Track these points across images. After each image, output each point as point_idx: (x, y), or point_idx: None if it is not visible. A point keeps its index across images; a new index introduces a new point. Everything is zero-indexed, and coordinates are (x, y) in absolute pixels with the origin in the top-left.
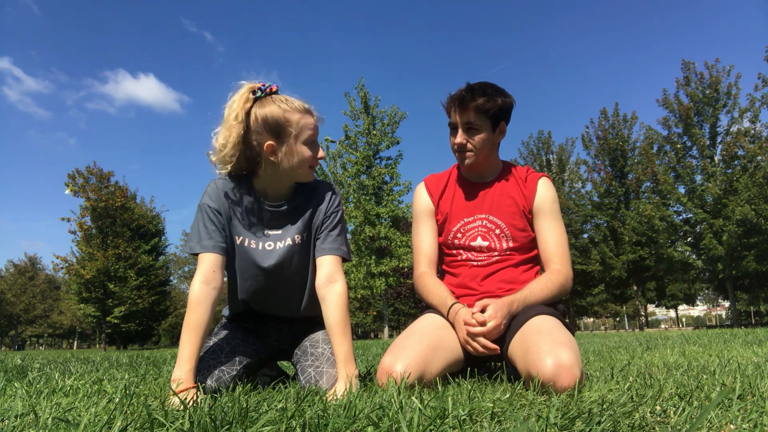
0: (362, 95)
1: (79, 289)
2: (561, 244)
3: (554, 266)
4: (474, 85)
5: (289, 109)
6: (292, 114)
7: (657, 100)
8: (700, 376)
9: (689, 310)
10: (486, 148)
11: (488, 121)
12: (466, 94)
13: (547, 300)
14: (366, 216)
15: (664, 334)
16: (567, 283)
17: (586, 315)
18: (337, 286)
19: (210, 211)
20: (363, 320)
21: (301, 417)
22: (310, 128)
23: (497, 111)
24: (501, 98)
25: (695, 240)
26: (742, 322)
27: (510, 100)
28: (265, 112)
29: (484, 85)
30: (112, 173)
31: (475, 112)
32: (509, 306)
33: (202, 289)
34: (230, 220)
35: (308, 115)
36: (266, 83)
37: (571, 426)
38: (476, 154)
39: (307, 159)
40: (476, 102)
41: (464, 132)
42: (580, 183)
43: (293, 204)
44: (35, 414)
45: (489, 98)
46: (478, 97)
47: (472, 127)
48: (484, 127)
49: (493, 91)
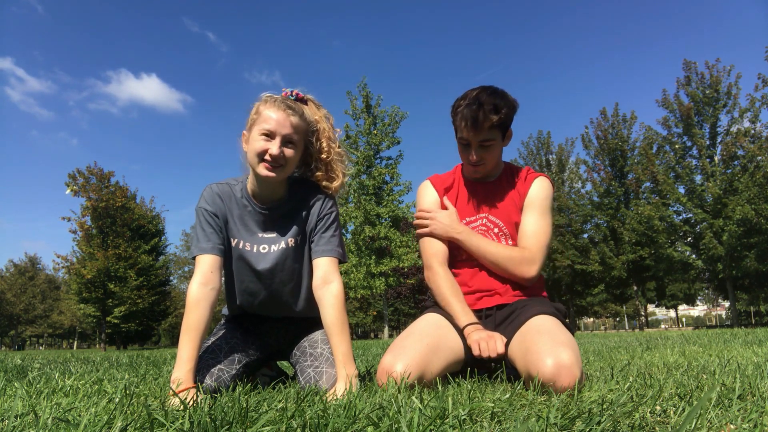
0: (364, 95)
1: (79, 289)
2: (538, 235)
3: (523, 249)
4: (484, 100)
5: (261, 100)
6: (260, 104)
7: (657, 101)
8: (700, 376)
9: (689, 310)
10: (497, 156)
11: (500, 134)
12: (479, 114)
13: (487, 258)
14: (366, 216)
15: (664, 334)
16: (523, 267)
17: (586, 315)
18: (332, 287)
19: (207, 214)
20: (363, 320)
21: (301, 417)
22: (268, 120)
23: (507, 122)
24: (508, 107)
25: (695, 240)
26: (742, 322)
27: (515, 106)
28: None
29: (493, 98)
30: (113, 173)
31: (489, 131)
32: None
33: (200, 290)
34: (226, 222)
35: (274, 109)
36: (294, 90)
37: (571, 426)
38: (489, 164)
39: (257, 150)
40: (491, 122)
41: (478, 149)
42: (580, 183)
43: (287, 207)
44: (35, 414)
45: (502, 116)
46: (492, 116)
47: (486, 143)
48: (496, 140)
49: (503, 104)
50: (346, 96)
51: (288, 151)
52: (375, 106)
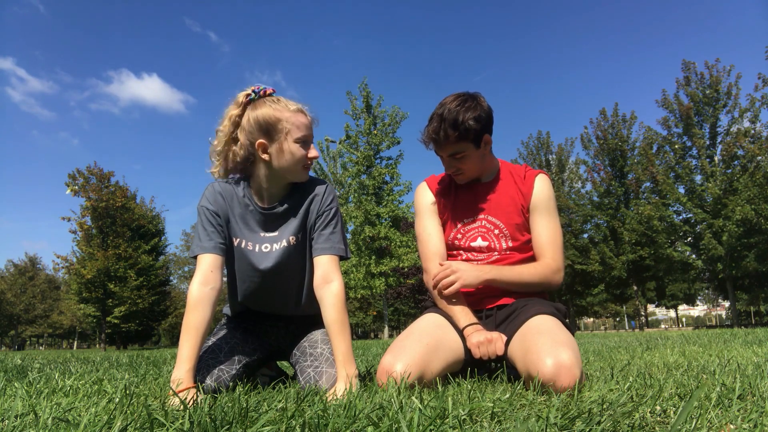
0: (365, 95)
1: (79, 289)
2: (554, 240)
3: (545, 260)
4: (444, 115)
5: (280, 108)
6: (282, 113)
7: (656, 101)
8: (700, 376)
9: (689, 310)
10: (476, 164)
11: (470, 144)
12: (440, 131)
13: (525, 283)
14: (366, 216)
15: (664, 334)
16: (553, 277)
17: (586, 315)
18: (333, 286)
19: (208, 212)
20: (363, 320)
21: (301, 417)
22: (301, 127)
23: (476, 132)
24: (474, 119)
25: (695, 240)
26: (742, 322)
27: (486, 113)
28: (257, 113)
29: (457, 112)
30: (113, 173)
31: (454, 144)
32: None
33: (201, 290)
34: (228, 221)
35: (300, 114)
36: (261, 86)
37: (571, 426)
38: (468, 172)
39: (299, 158)
40: (450, 139)
41: (451, 161)
42: (580, 183)
43: (287, 205)
44: (35, 414)
45: (463, 129)
46: (451, 132)
47: (457, 155)
48: (468, 150)
49: (465, 118)
50: (346, 96)
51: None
52: (375, 107)
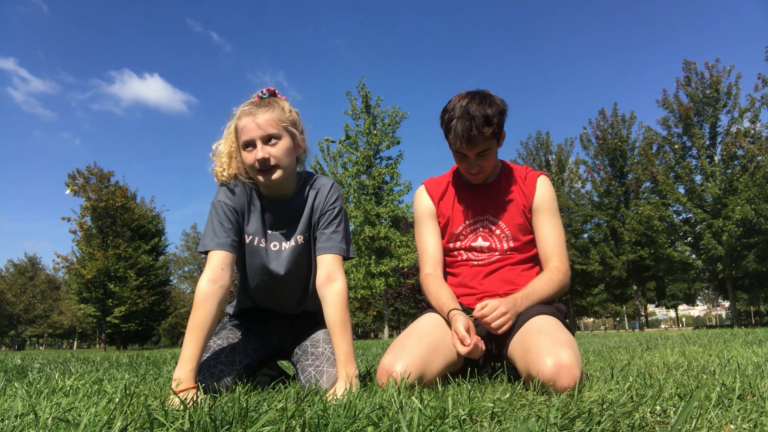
0: (363, 94)
1: (79, 289)
2: (560, 242)
3: (553, 264)
4: (474, 112)
5: (239, 112)
6: (238, 118)
7: (656, 101)
8: (700, 376)
9: (689, 310)
10: (494, 161)
11: (495, 141)
12: (473, 129)
13: (549, 297)
14: (366, 216)
15: (664, 334)
16: (566, 280)
17: (586, 315)
18: (335, 285)
19: (226, 207)
20: (363, 320)
21: (301, 417)
22: (243, 130)
23: (500, 127)
24: (499, 114)
25: (695, 240)
26: (742, 322)
27: (504, 108)
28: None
29: (482, 108)
30: (113, 173)
31: (486, 141)
32: (514, 303)
33: (209, 287)
34: (243, 217)
35: (244, 117)
36: (265, 89)
37: (571, 426)
38: (488, 170)
39: (249, 164)
40: (484, 136)
41: (476, 160)
42: (580, 183)
43: (294, 204)
44: (35, 414)
45: (494, 124)
46: (485, 129)
47: (483, 153)
48: (493, 146)
49: (494, 112)
50: (345, 96)
51: (272, 149)
52: (375, 107)
